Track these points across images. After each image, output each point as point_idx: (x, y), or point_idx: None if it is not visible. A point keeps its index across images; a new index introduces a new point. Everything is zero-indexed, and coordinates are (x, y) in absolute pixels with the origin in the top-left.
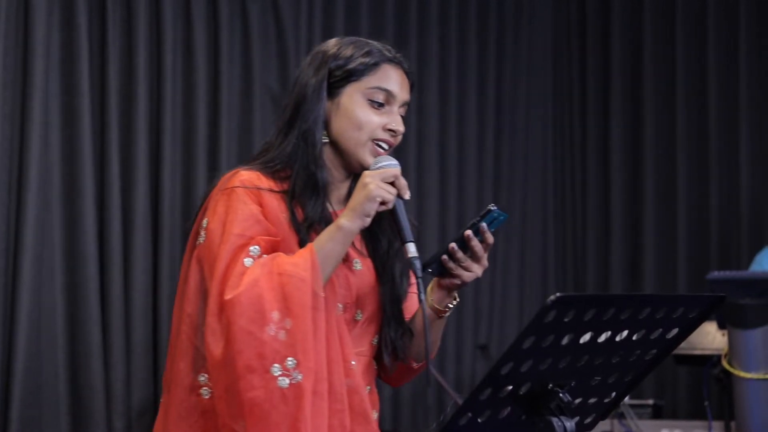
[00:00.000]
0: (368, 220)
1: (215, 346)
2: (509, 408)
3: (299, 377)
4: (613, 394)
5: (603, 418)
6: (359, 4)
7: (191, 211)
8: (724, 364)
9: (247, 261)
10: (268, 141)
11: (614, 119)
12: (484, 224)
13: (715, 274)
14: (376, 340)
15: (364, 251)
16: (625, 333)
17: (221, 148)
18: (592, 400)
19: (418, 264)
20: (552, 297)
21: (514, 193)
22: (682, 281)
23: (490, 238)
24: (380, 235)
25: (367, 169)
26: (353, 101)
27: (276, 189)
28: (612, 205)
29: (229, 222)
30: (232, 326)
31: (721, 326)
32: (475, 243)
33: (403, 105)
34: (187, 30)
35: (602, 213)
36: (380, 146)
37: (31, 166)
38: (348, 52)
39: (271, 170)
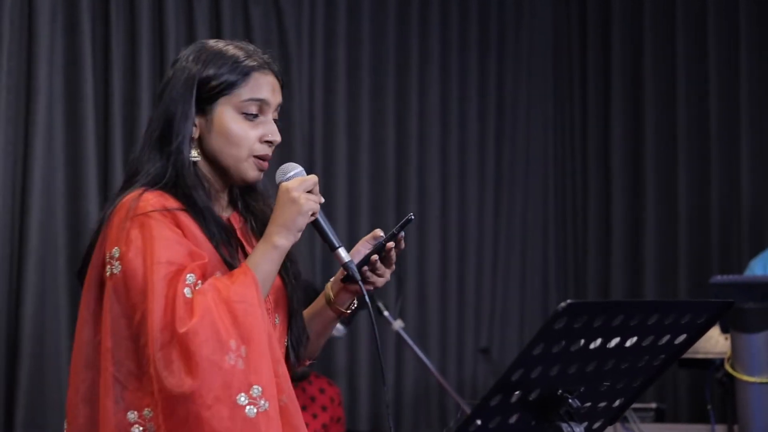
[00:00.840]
0: (299, 235)
1: (175, 379)
2: (519, 414)
3: (266, 405)
4: (622, 399)
5: (611, 423)
6: (361, 7)
7: None
8: (727, 367)
9: (187, 291)
10: (137, 158)
11: (615, 121)
12: (402, 233)
13: (719, 278)
14: (287, 343)
15: None
16: (635, 339)
17: None
18: (600, 406)
19: (354, 267)
20: (563, 303)
21: (515, 195)
22: (683, 283)
23: (403, 246)
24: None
25: (248, 182)
26: (227, 117)
27: (183, 207)
28: (613, 206)
29: (152, 251)
30: (195, 357)
31: (724, 330)
32: (393, 252)
33: (276, 109)
34: (190, 34)
35: (603, 215)
36: (261, 159)
37: (35, 169)
38: (215, 64)
39: (165, 190)
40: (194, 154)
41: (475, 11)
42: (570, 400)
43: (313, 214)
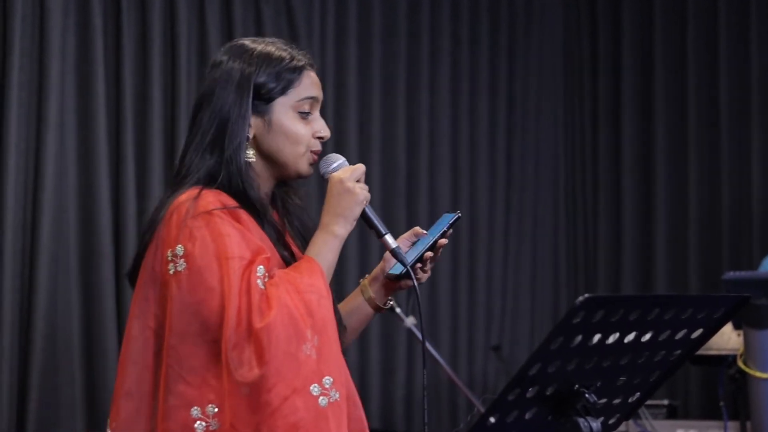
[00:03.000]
0: (354, 223)
1: (253, 375)
2: (536, 408)
3: (336, 396)
4: (638, 394)
5: (627, 419)
6: (371, 6)
7: None
8: (740, 364)
9: (258, 282)
10: (187, 160)
11: (625, 117)
12: (451, 230)
13: (731, 274)
14: None
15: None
16: (651, 333)
17: None
18: (617, 401)
19: (402, 253)
20: (581, 298)
21: (526, 192)
22: (694, 280)
23: (445, 242)
24: (303, 235)
25: (303, 177)
26: (286, 117)
27: (239, 206)
28: (623, 204)
29: (222, 247)
30: (274, 350)
31: (737, 326)
32: (440, 250)
33: (321, 106)
34: (201, 31)
35: (613, 212)
36: (314, 154)
37: (47, 166)
38: (271, 65)
39: (220, 189)
40: (250, 155)
41: (486, 8)
42: (587, 395)
43: (365, 203)
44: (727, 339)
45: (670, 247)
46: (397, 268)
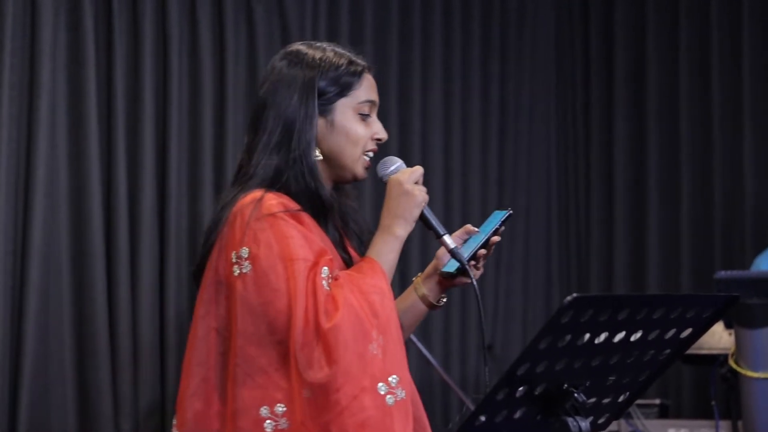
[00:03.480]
0: (414, 224)
1: (321, 375)
2: (524, 408)
3: (402, 394)
4: (627, 393)
5: (616, 418)
6: (363, 5)
7: (198, 211)
8: (731, 363)
9: (324, 284)
10: (250, 162)
11: (617, 118)
12: (503, 227)
13: (723, 273)
14: None
15: (357, 249)
16: (640, 333)
17: (227, 149)
18: (606, 400)
19: (461, 253)
20: (569, 297)
21: (518, 193)
22: (686, 280)
23: (498, 239)
24: (358, 235)
25: (358, 179)
26: (347, 118)
27: (301, 209)
28: (615, 204)
29: (287, 249)
30: (342, 350)
31: (728, 326)
32: (492, 246)
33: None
34: (193, 31)
35: (606, 212)
36: (368, 157)
37: (38, 167)
38: (333, 66)
39: (284, 191)
40: (317, 154)
41: (478, 9)
42: (576, 395)
43: (424, 204)
44: (719, 338)
45: (663, 246)
46: (451, 266)
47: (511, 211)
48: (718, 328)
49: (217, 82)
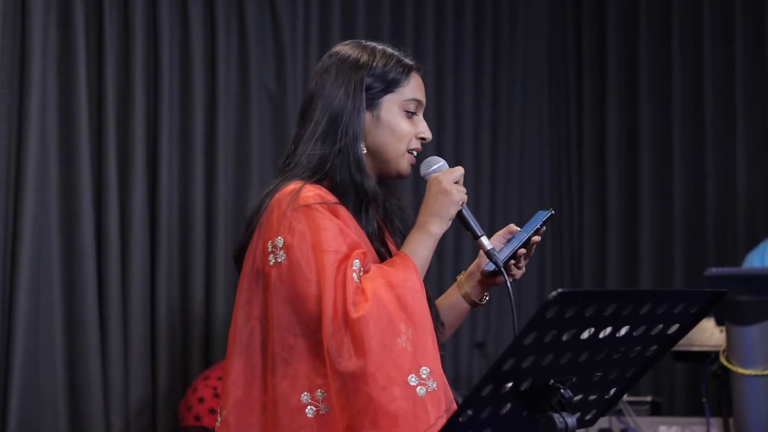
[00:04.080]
0: (450, 223)
1: (344, 360)
2: (510, 404)
3: (434, 385)
4: (614, 390)
5: (603, 414)
6: (355, 4)
7: (189, 209)
8: (723, 360)
9: (354, 276)
10: (297, 152)
11: (610, 114)
12: (544, 228)
13: (714, 270)
14: None
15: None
16: (627, 329)
17: (218, 146)
18: (592, 396)
19: (497, 255)
20: (554, 292)
21: (511, 189)
22: (679, 277)
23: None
24: (404, 233)
25: (402, 176)
26: (393, 114)
27: (339, 202)
28: (608, 201)
29: (319, 240)
30: (370, 341)
31: (719, 322)
32: (533, 246)
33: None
34: (184, 29)
35: (598, 209)
36: (412, 155)
37: (29, 164)
38: (381, 63)
39: (323, 183)
40: (362, 147)
41: (471, 6)
42: (562, 391)
43: (461, 204)
44: (710, 335)
45: (655, 242)
46: (491, 266)
47: (552, 212)
48: (710, 324)
49: (208, 81)
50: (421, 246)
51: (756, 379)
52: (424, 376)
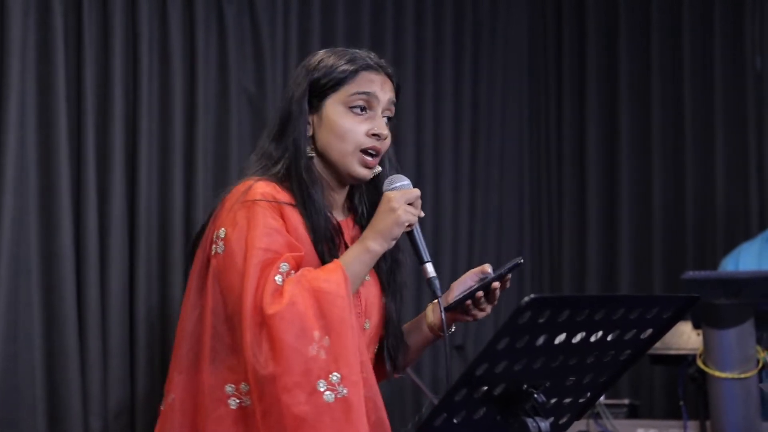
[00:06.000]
0: (393, 243)
1: (263, 362)
2: (484, 408)
3: (344, 391)
4: (588, 394)
5: (578, 419)
6: (335, 6)
7: (168, 211)
8: (699, 363)
9: (278, 278)
10: (262, 150)
11: (590, 118)
12: (509, 275)
13: (690, 273)
14: (375, 350)
15: None
16: (600, 333)
17: (197, 149)
18: (566, 401)
19: (437, 284)
20: (526, 298)
21: (490, 193)
22: (658, 281)
23: (508, 285)
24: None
25: (356, 178)
26: (335, 112)
27: (291, 202)
28: (588, 205)
29: (253, 236)
30: (280, 342)
31: (696, 326)
32: (497, 291)
33: (388, 107)
34: (163, 31)
35: (578, 213)
36: (369, 154)
37: (8, 167)
38: (328, 63)
39: (279, 182)
40: (309, 151)
41: (450, 11)
42: (535, 395)
43: (409, 226)
44: (687, 339)
45: (635, 246)
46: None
47: (521, 260)
48: (687, 328)
49: (187, 82)
50: (356, 260)
51: (732, 382)
52: (334, 382)
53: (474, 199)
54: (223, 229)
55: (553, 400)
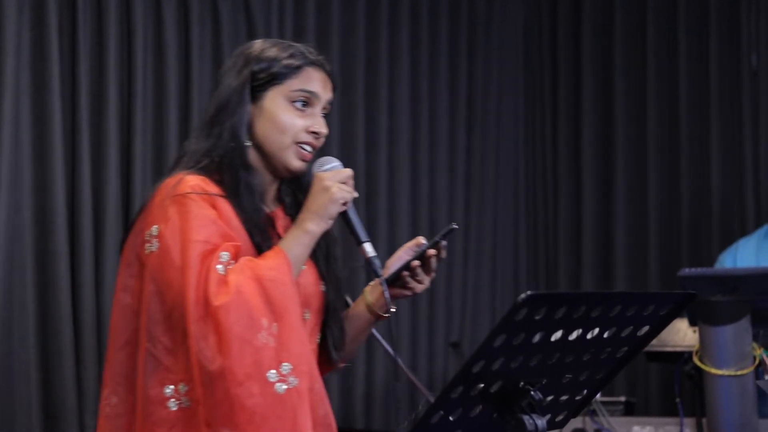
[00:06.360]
0: (331, 223)
1: (210, 356)
2: (481, 406)
3: (295, 382)
4: (585, 391)
5: (574, 416)
6: (330, 2)
7: None
8: (696, 360)
9: (220, 267)
10: (188, 144)
11: (585, 115)
12: (444, 242)
13: (687, 270)
14: (319, 339)
15: None
16: (596, 331)
17: None
18: (563, 398)
19: (378, 263)
20: (523, 295)
21: (486, 189)
22: (654, 278)
23: (444, 254)
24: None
25: (291, 170)
26: (276, 104)
27: (222, 194)
28: (583, 201)
29: (189, 229)
30: (228, 334)
31: (693, 323)
32: (434, 260)
33: (326, 106)
34: (158, 28)
35: (574, 209)
36: (304, 149)
37: (2, 164)
38: (271, 54)
39: (208, 174)
40: (247, 141)
41: (446, 5)
42: (532, 393)
43: (344, 204)
44: (683, 335)
45: (631, 243)
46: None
47: (455, 226)
48: (683, 325)
49: (182, 80)
50: (296, 242)
51: (729, 379)
52: (285, 372)
53: (469, 194)
54: (155, 226)
55: (549, 398)
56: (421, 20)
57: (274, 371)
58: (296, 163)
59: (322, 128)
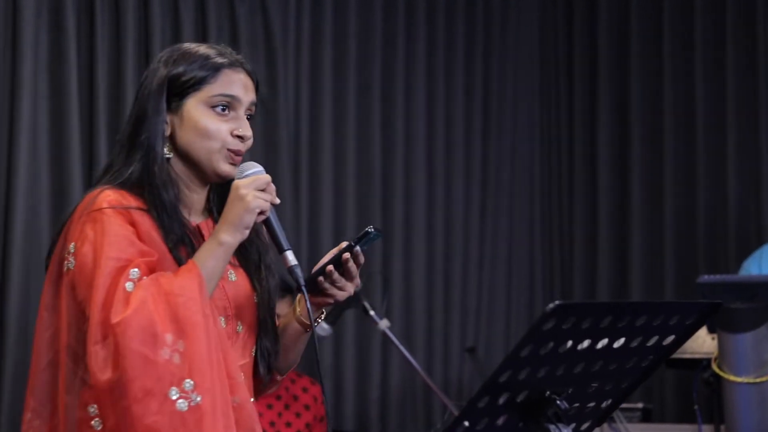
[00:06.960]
0: (247, 232)
1: (102, 373)
2: (506, 415)
3: (198, 399)
4: (610, 400)
5: (599, 425)
6: (347, 6)
7: None
8: (714, 367)
9: (129, 285)
10: (111, 158)
11: (601, 120)
12: (358, 248)
13: (706, 277)
14: (254, 352)
15: (236, 261)
16: (623, 340)
17: None
18: (588, 407)
19: (299, 272)
20: (552, 305)
21: (501, 194)
22: (670, 283)
23: (362, 260)
24: (248, 244)
25: (222, 176)
26: (197, 111)
27: (142, 207)
28: (599, 206)
29: (102, 245)
30: (124, 350)
31: (711, 330)
32: (351, 265)
33: (249, 107)
34: (176, 31)
35: (589, 214)
36: (232, 152)
37: (20, 168)
38: (186, 60)
39: (128, 188)
40: (166, 152)
41: (462, 10)
42: (558, 402)
43: (262, 213)
44: (702, 342)
45: (646, 250)
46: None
47: (371, 229)
48: (702, 332)
49: None
50: (209, 255)
51: (747, 386)
52: (187, 389)
53: (485, 199)
54: (72, 243)
55: (575, 406)
56: (438, 26)
57: (175, 388)
58: (226, 167)
59: (247, 131)
